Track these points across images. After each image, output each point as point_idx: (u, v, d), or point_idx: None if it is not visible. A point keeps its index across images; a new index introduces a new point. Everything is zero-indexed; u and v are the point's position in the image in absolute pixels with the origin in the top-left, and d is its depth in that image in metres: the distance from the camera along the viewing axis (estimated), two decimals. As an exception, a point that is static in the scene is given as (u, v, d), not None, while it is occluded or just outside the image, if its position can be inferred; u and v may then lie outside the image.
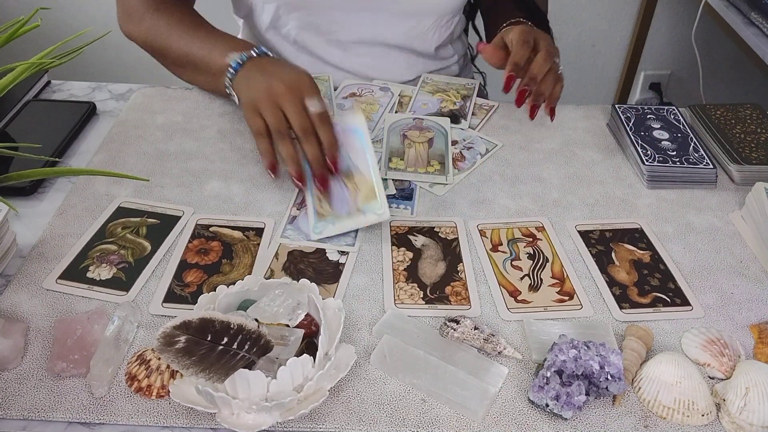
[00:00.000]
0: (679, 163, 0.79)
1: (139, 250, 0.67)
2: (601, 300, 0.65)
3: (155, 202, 0.74)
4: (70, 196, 0.74)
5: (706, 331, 0.61)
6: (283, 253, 0.68)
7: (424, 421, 0.53)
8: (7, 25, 0.61)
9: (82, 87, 0.95)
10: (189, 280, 0.64)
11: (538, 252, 0.70)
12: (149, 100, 0.92)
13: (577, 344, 0.55)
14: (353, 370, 0.57)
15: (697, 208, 0.77)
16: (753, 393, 0.54)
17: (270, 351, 0.52)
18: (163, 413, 0.53)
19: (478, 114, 0.92)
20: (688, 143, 0.82)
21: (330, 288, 0.65)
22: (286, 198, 0.76)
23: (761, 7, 1.37)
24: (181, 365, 0.50)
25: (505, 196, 0.78)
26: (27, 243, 0.68)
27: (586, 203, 0.77)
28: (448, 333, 0.59)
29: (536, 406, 0.54)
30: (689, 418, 0.54)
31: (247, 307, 0.56)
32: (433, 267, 0.68)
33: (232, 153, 0.83)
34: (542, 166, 0.83)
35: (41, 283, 0.63)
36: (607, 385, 0.53)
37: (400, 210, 0.74)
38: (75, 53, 0.64)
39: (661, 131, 0.85)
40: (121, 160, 0.80)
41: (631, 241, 0.72)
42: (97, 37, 0.73)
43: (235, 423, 0.50)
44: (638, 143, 0.82)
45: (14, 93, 0.89)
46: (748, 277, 0.68)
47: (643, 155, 0.80)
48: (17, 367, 0.56)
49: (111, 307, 0.61)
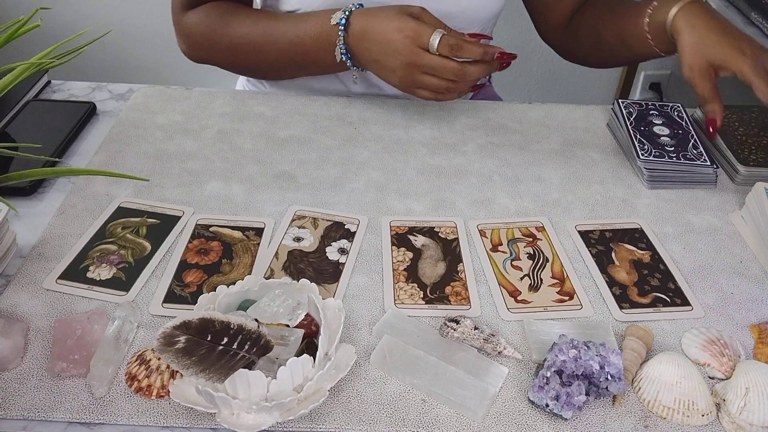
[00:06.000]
0: (676, 158, 0.79)
1: (139, 250, 0.67)
2: (601, 300, 0.65)
3: (155, 202, 0.74)
4: (70, 196, 0.74)
5: (706, 331, 0.61)
6: (283, 253, 0.68)
7: (424, 421, 0.53)
8: (7, 25, 0.61)
9: (82, 87, 0.95)
10: (189, 280, 0.64)
11: (538, 252, 0.70)
12: (149, 100, 0.92)
13: (577, 344, 0.55)
14: (353, 370, 0.56)
15: (697, 208, 0.77)
16: (753, 393, 0.54)
17: (270, 351, 0.52)
18: (163, 413, 0.53)
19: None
20: (688, 140, 0.82)
21: (330, 288, 0.65)
22: (286, 198, 0.76)
23: (761, 7, 1.37)
24: (181, 365, 0.50)
25: (505, 196, 0.78)
26: (27, 243, 0.68)
27: (586, 203, 0.77)
28: (448, 333, 0.59)
29: (536, 406, 0.54)
30: (689, 418, 0.54)
31: (247, 307, 0.56)
32: (433, 267, 0.68)
33: (232, 153, 0.83)
34: (542, 166, 0.83)
35: (41, 283, 0.63)
36: (607, 385, 0.53)
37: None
38: (75, 53, 0.64)
39: (662, 127, 0.84)
40: (121, 160, 0.80)
41: (631, 241, 0.72)
42: (97, 37, 0.72)
43: (235, 423, 0.50)
44: (636, 137, 0.82)
45: (14, 93, 0.89)
46: (748, 277, 0.68)
47: (640, 150, 0.80)
48: (17, 367, 0.55)
49: (111, 307, 0.61)
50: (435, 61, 0.77)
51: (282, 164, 0.81)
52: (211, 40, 0.89)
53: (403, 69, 0.78)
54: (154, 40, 2.00)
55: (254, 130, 0.87)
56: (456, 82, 0.78)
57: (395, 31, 0.77)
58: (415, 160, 0.83)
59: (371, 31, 0.79)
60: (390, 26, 0.78)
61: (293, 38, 0.84)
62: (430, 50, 0.76)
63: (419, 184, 0.79)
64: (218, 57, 0.91)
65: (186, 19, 0.90)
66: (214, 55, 0.91)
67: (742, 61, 0.76)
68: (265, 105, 0.92)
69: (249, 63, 0.90)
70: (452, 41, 0.76)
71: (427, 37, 0.76)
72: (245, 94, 0.95)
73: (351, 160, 0.82)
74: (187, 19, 0.90)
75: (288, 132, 0.87)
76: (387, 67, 0.80)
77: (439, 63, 0.77)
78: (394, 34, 0.77)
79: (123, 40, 2.08)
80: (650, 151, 0.80)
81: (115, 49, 1.98)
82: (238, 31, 0.86)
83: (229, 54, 0.89)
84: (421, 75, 0.78)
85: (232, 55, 0.89)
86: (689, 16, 0.80)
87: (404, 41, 0.77)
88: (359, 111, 0.92)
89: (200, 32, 0.89)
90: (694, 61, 0.78)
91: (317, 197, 0.76)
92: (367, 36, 0.79)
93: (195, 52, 0.92)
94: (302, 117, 0.90)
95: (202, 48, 0.91)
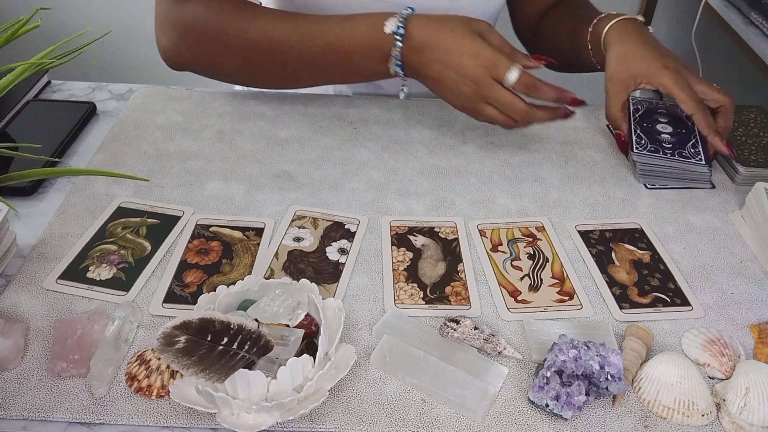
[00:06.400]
0: (671, 155, 0.79)
1: (139, 250, 0.67)
2: (601, 300, 0.65)
3: (155, 202, 0.74)
4: (70, 196, 0.74)
5: (706, 331, 0.61)
6: (283, 253, 0.68)
7: (424, 421, 0.53)
8: (7, 25, 0.61)
9: (82, 87, 0.95)
10: (189, 280, 0.64)
11: (538, 252, 0.70)
12: (149, 100, 0.92)
13: (577, 344, 0.55)
14: (353, 370, 0.57)
15: (697, 208, 0.77)
16: (753, 393, 0.54)
17: (270, 351, 0.52)
18: (163, 413, 0.53)
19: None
20: (688, 139, 0.82)
21: (330, 288, 0.65)
22: (286, 198, 0.76)
23: (761, 7, 1.37)
24: (181, 365, 0.50)
25: (505, 196, 0.78)
26: (27, 243, 0.68)
27: (586, 203, 0.77)
28: (448, 333, 0.59)
29: (536, 406, 0.54)
30: (689, 418, 0.54)
31: (247, 307, 0.56)
32: (433, 267, 0.68)
33: (232, 153, 0.83)
34: (542, 166, 0.83)
35: (41, 283, 0.63)
36: (607, 385, 0.53)
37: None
38: (75, 53, 0.64)
39: (666, 125, 0.84)
40: (121, 160, 0.80)
41: (631, 241, 0.72)
42: (97, 37, 0.72)
43: (235, 423, 0.50)
44: (635, 132, 0.82)
45: (14, 93, 0.89)
46: (748, 277, 0.68)
47: (636, 143, 0.80)
48: (17, 367, 0.55)
49: (111, 307, 0.61)
50: (506, 98, 0.73)
51: (282, 164, 0.81)
52: (217, 33, 0.77)
53: (470, 96, 0.74)
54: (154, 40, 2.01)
55: (254, 130, 0.87)
56: (517, 121, 0.75)
57: (470, 56, 0.72)
58: (415, 160, 0.83)
59: (437, 48, 0.73)
60: (463, 48, 0.72)
61: (333, 42, 0.76)
62: (503, 84, 0.73)
63: (419, 184, 0.79)
64: (220, 56, 0.80)
65: (182, 8, 0.78)
66: (215, 54, 0.79)
67: (665, 74, 0.78)
68: (265, 105, 0.92)
69: (265, 65, 0.80)
70: (529, 81, 0.73)
71: (503, 71, 0.72)
72: (245, 94, 0.95)
73: (351, 160, 0.82)
74: (184, 7, 0.78)
75: (288, 132, 0.87)
76: (451, 89, 0.75)
77: (509, 101, 0.73)
78: (467, 59, 0.72)
79: (123, 40, 2.08)
80: (646, 145, 0.80)
81: (115, 49, 1.98)
82: (259, 27, 0.76)
83: (239, 53, 0.78)
84: (484, 105, 0.75)
85: (243, 54, 0.78)
86: (620, 31, 0.82)
87: (479, 70, 0.72)
88: (359, 111, 0.92)
89: (202, 23, 0.77)
90: (616, 72, 0.81)
91: (317, 197, 0.76)
92: (431, 53, 0.73)
93: (185, 49, 0.79)
94: (302, 117, 0.90)
95: (199, 44, 0.78)
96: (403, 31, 0.73)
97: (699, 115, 0.77)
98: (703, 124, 0.77)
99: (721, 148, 0.77)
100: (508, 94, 0.73)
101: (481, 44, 0.72)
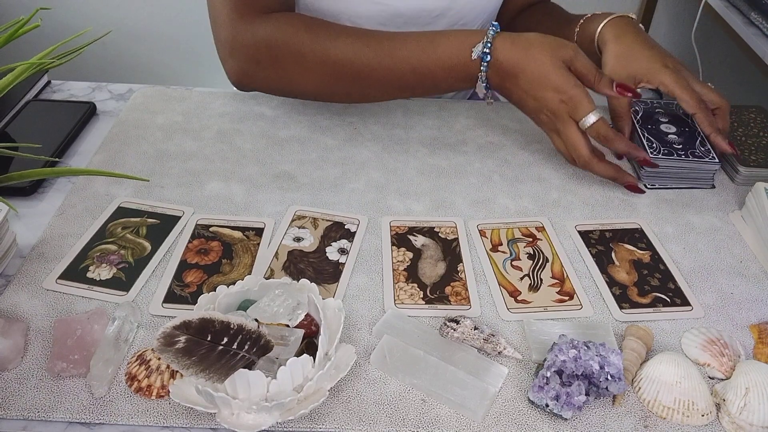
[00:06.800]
0: (684, 156, 0.79)
1: (139, 250, 0.67)
2: (601, 300, 0.65)
3: (155, 202, 0.74)
4: (70, 196, 0.74)
5: (706, 331, 0.61)
6: (283, 253, 0.68)
7: (424, 421, 0.53)
8: (7, 25, 0.61)
9: (82, 87, 0.95)
10: (189, 280, 0.64)
11: (538, 252, 0.70)
12: (149, 100, 0.92)
13: (577, 344, 0.55)
14: (353, 370, 0.57)
15: (697, 208, 0.77)
16: (753, 393, 0.54)
17: (270, 351, 0.52)
18: (163, 413, 0.53)
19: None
20: (695, 137, 0.82)
21: (330, 288, 0.65)
22: (286, 198, 0.76)
23: (761, 7, 1.37)
24: (181, 365, 0.50)
25: (505, 196, 0.78)
26: (27, 243, 0.68)
27: (586, 203, 0.77)
28: (448, 333, 0.59)
29: (536, 406, 0.54)
30: (689, 418, 0.54)
31: (247, 307, 0.56)
32: (433, 267, 0.68)
33: (232, 153, 0.83)
34: (542, 166, 0.83)
35: (41, 283, 0.63)
36: (607, 385, 0.53)
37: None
38: (75, 53, 0.64)
39: (669, 125, 0.84)
40: (121, 160, 0.80)
41: (631, 241, 0.72)
42: (97, 37, 0.73)
43: (235, 423, 0.50)
44: (644, 135, 0.82)
45: (14, 93, 0.89)
46: (748, 277, 0.68)
47: (649, 148, 0.79)
48: (17, 367, 0.56)
49: (111, 307, 0.61)
50: (574, 139, 0.74)
51: (282, 164, 0.81)
52: (294, 55, 0.76)
53: (546, 123, 0.76)
54: (154, 40, 2.00)
55: (254, 130, 0.87)
56: (574, 160, 0.76)
57: (553, 90, 0.72)
58: (415, 160, 0.83)
59: (521, 77, 0.73)
60: (546, 81, 0.71)
61: (417, 67, 0.75)
62: (579, 125, 0.73)
63: (419, 184, 0.79)
64: (298, 77, 0.78)
65: (253, 30, 0.76)
66: (291, 75, 0.78)
67: (665, 73, 0.78)
68: (265, 105, 0.92)
69: (346, 86, 0.79)
70: (603, 131, 0.72)
71: (583, 114, 0.72)
72: (245, 94, 0.95)
73: (351, 160, 0.82)
74: (256, 29, 0.76)
75: (288, 132, 0.87)
76: (529, 113, 0.76)
77: (576, 142, 0.74)
78: (550, 93, 0.72)
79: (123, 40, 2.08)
80: (658, 149, 0.79)
81: (115, 49, 1.98)
82: (339, 48, 0.75)
83: (319, 74, 0.77)
84: (555, 135, 0.76)
85: (323, 76, 0.77)
86: (617, 29, 0.82)
87: (560, 106, 0.72)
88: (359, 111, 0.92)
89: (278, 44, 0.76)
90: (616, 71, 0.80)
91: (317, 197, 0.76)
92: (515, 80, 0.73)
93: (258, 71, 0.78)
94: (302, 117, 0.90)
95: (275, 65, 0.77)
96: (489, 57, 0.73)
97: (701, 115, 0.78)
98: (705, 123, 0.78)
99: (724, 147, 0.77)
100: (578, 136, 0.74)
101: (566, 78, 0.71)
